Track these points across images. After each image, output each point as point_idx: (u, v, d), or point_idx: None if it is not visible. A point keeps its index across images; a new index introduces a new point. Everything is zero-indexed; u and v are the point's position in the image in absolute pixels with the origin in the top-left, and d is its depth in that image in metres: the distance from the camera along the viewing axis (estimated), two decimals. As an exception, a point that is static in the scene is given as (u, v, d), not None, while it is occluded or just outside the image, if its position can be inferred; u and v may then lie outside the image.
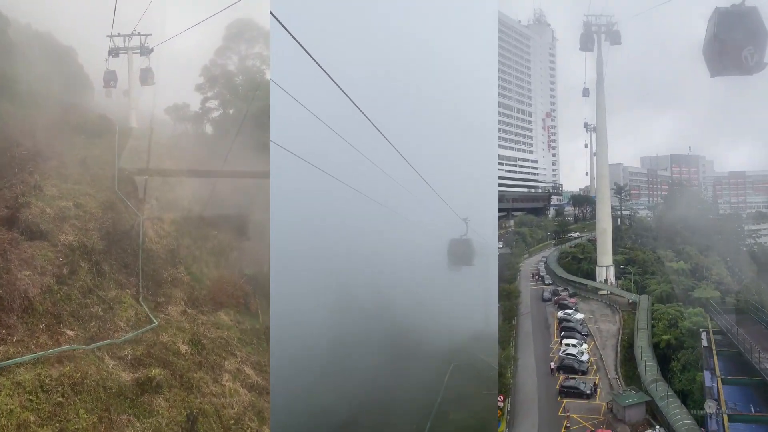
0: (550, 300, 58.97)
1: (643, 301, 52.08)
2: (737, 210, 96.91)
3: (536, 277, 69.08)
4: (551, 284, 65.00)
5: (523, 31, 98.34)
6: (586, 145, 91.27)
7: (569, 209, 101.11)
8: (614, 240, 67.01)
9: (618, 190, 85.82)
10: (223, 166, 36.62)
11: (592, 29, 65.19)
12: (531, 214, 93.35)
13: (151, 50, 51.50)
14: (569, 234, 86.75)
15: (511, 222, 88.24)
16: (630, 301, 55.00)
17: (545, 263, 72.69)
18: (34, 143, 34.48)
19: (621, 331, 48.94)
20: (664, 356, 42.16)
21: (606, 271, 64.87)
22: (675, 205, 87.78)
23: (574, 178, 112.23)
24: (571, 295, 60.01)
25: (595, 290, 61.01)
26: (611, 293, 59.22)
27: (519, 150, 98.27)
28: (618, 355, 44.54)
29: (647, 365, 39.49)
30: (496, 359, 42.13)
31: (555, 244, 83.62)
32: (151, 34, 51.80)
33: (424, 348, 50.53)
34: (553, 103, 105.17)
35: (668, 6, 48.53)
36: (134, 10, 45.09)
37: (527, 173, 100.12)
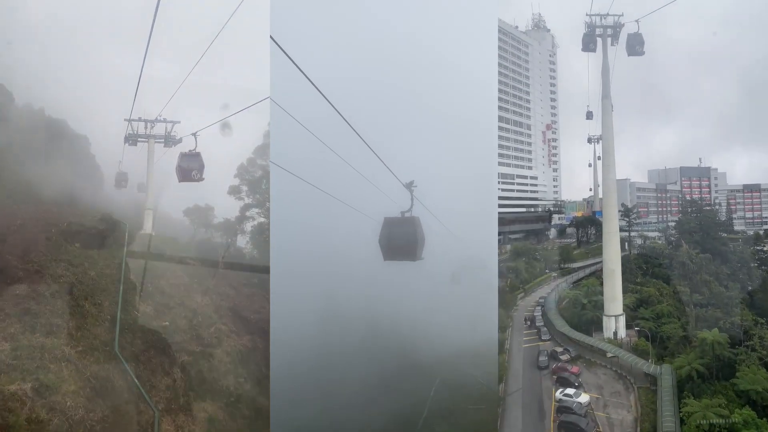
0: (546, 367, 47.48)
1: (666, 377, 40.73)
2: (753, 226, 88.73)
3: (529, 323, 57.74)
4: (549, 339, 53.66)
5: (521, 38, 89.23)
6: (590, 165, 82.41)
7: (571, 230, 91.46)
8: (623, 272, 56.13)
9: (626, 213, 76.04)
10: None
11: (595, 31, 55.22)
12: (530, 236, 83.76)
13: (180, 140, 43.00)
14: (571, 264, 76.18)
15: (508, 247, 78.29)
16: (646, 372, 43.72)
17: (543, 308, 61.22)
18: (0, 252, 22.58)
19: (639, 424, 37.50)
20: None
21: (615, 323, 53.87)
22: (688, 229, 78.83)
23: (577, 187, 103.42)
24: (573, 360, 48.59)
25: (602, 351, 49.66)
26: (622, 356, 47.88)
27: (516, 166, 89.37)
28: (636, 472, 33.31)
29: None
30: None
31: (555, 277, 73.26)
32: (179, 122, 44.48)
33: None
34: (554, 114, 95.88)
35: (674, 7, 40.48)
36: (157, 97, 39.41)
37: (526, 191, 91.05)
